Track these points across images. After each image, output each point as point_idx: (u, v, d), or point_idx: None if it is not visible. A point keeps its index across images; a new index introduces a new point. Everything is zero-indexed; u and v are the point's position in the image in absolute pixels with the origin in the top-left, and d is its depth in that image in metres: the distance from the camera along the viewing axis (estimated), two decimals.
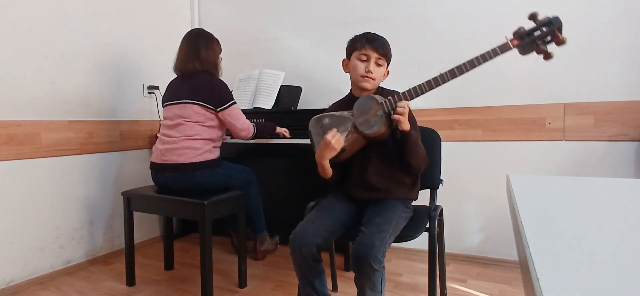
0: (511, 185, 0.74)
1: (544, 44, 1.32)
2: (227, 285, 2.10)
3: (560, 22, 1.29)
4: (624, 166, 2.04)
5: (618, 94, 2.05)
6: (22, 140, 2.12)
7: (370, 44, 1.51)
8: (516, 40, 1.33)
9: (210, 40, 2.14)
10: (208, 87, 2.03)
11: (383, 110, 1.41)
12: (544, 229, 0.52)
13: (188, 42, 2.12)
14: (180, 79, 2.11)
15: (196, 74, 2.07)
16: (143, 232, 2.82)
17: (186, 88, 2.04)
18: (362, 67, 1.51)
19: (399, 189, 1.54)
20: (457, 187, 2.36)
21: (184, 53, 2.10)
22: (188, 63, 2.08)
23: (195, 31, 2.18)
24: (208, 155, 2.03)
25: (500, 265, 2.31)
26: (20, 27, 2.11)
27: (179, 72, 2.12)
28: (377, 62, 1.52)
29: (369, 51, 1.51)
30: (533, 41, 1.32)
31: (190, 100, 2.01)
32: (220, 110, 2.03)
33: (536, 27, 1.32)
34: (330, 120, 1.52)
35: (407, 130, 1.41)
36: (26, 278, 2.15)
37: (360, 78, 1.53)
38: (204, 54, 2.08)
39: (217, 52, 2.17)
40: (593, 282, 0.36)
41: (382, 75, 1.55)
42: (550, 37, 1.31)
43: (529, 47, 1.33)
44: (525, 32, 1.33)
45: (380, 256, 1.26)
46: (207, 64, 2.09)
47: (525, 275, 0.40)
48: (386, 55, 1.53)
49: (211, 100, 2.02)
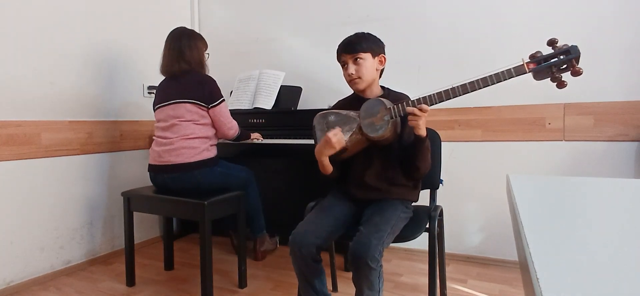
0: (511, 185, 0.74)
1: (559, 72, 1.30)
2: (227, 285, 2.10)
3: (578, 53, 1.27)
4: (624, 166, 2.04)
5: (618, 94, 2.05)
6: (22, 140, 2.12)
7: (342, 49, 1.54)
8: (533, 64, 1.31)
9: (193, 39, 2.11)
10: (198, 85, 2.02)
11: (390, 115, 1.40)
12: (544, 229, 0.52)
13: (171, 42, 2.10)
14: (169, 80, 2.10)
15: (184, 73, 2.06)
16: (143, 232, 2.82)
17: (176, 88, 2.04)
18: (346, 73, 1.54)
19: (399, 190, 1.54)
20: (457, 187, 2.36)
21: (168, 55, 2.09)
22: (173, 65, 2.06)
23: (178, 31, 2.14)
24: (206, 154, 2.03)
25: (500, 265, 2.31)
26: (20, 27, 2.11)
27: (166, 74, 2.11)
28: (356, 60, 1.51)
29: (344, 57, 1.54)
30: (549, 67, 1.30)
31: (182, 100, 2.01)
32: (211, 107, 2.03)
33: (554, 53, 1.30)
34: (336, 118, 1.51)
35: (423, 136, 1.41)
36: (26, 279, 2.15)
37: (349, 83, 1.56)
38: (189, 54, 2.07)
39: (202, 48, 2.14)
40: (593, 282, 0.36)
41: (371, 67, 1.52)
42: (566, 65, 1.30)
43: (545, 73, 1.31)
44: (543, 58, 1.30)
45: (378, 255, 1.25)
46: (193, 63, 2.08)
47: (525, 275, 0.40)
48: (361, 49, 1.50)
49: (203, 97, 2.01)
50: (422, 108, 1.36)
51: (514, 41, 2.22)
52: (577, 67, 1.29)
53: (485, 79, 1.34)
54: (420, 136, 1.41)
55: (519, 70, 1.32)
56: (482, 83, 1.34)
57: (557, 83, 1.31)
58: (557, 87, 1.32)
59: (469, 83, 1.35)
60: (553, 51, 1.31)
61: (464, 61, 2.34)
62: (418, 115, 1.36)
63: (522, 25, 2.21)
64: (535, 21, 2.18)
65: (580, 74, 1.28)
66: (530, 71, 1.32)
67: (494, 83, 1.33)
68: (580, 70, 1.28)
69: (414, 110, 1.36)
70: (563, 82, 1.31)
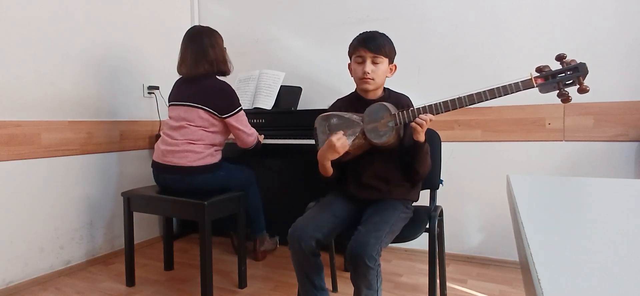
0: (511, 186, 0.74)
1: (565, 87, 1.32)
2: (227, 286, 2.10)
3: (586, 70, 1.29)
4: (624, 166, 2.04)
5: (618, 94, 2.05)
6: (22, 140, 2.12)
7: (363, 44, 1.48)
8: (541, 79, 1.32)
9: (214, 36, 2.06)
10: (217, 93, 1.98)
11: (395, 122, 1.39)
12: (545, 229, 0.52)
13: (192, 43, 2.02)
14: (189, 81, 2.04)
15: (206, 76, 2.01)
16: (143, 233, 2.81)
17: (194, 91, 1.99)
18: (360, 69, 1.49)
19: (399, 190, 1.54)
20: (457, 187, 2.36)
21: (190, 56, 2.01)
22: (198, 67, 1.99)
23: (196, 30, 2.08)
24: (209, 159, 2.00)
25: (500, 266, 2.31)
26: (20, 27, 2.11)
27: (187, 75, 2.04)
28: (374, 61, 1.48)
29: (363, 52, 1.48)
30: (556, 83, 1.31)
31: (196, 105, 1.97)
32: (226, 116, 1.98)
33: (561, 70, 1.31)
34: (339, 121, 1.49)
35: (422, 141, 1.41)
36: (26, 279, 2.15)
37: (359, 80, 1.51)
38: (213, 54, 2.01)
39: (222, 45, 2.10)
40: (594, 282, 0.36)
41: (384, 73, 1.51)
42: (572, 81, 1.31)
43: (551, 87, 1.33)
44: (550, 73, 1.31)
45: (375, 255, 1.25)
46: (217, 63, 2.03)
47: (526, 275, 0.40)
48: (383, 52, 1.49)
49: (218, 107, 1.97)
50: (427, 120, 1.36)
51: (514, 41, 2.22)
52: (585, 85, 1.29)
53: (492, 91, 1.35)
54: (419, 141, 1.41)
55: (526, 85, 1.33)
56: (489, 95, 1.35)
57: (563, 98, 1.32)
58: (562, 101, 1.33)
59: (476, 94, 1.36)
60: (561, 67, 1.31)
61: (463, 61, 2.33)
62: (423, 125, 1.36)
63: (522, 25, 2.21)
64: (535, 20, 2.18)
65: (587, 92, 1.28)
66: (537, 85, 1.32)
67: (501, 96, 1.34)
68: (587, 88, 1.28)
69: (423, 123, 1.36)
70: (569, 97, 1.32)
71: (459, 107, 1.37)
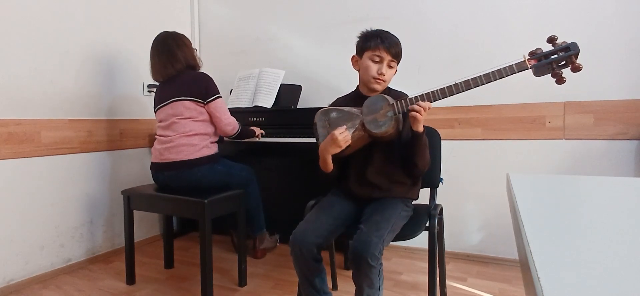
0: (511, 184, 0.74)
1: (559, 68, 1.34)
2: (227, 284, 2.11)
3: (577, 49, 1.31)
4: (624, 165, 2.04)
5: (618, 93, 2.05)
6: (22, 138, 2.12)
7: (384, 45, 1.46)
8: (533, 60, 1.34)
9: (179, 38, 2.14)
10: (193, 81, 2.05)
11: (393, 111, 1.40)
12: (545, 228, 0.52)
13: (159, 48, 2.11)
14: (167, 82, 2.11)
15: (179, 73, 2.09)
16: (143, 231, 2.82)
17: (172, 87, 2.06)
18: (375, 68, 1.48)
19: (399, 188, 1.54)
20: (457, 185, 2.36)
21: (159, 61, 2.10)
22: (168, 68, 2.08)
23: (162, 35, 2.15)
24: (206, 151, 2.04)
25: (500, 264, 2.31)
26: (20, 26, 2.11)
27: (161, 78, 2.13)
28: (390, 63, 1.49)
29: (383, 53, 1.46)
30: (549, 64, 1.33)
31: (178, 97, 2.03)
32: (207, 102, 2.05)
33: (554, 50, 1.33)
34: (338, 114, 1.50)
35: (421, 132, 1.41)
36: (26, 277, 2.15)
37: (371, 79, 1.49)
38: (180, 54, 2.09)
39: (190, 45, 2.17)
40: (594, 281, 0.36)
41: (392, 76, 1.54)
42: (565, 62, 1.33)
43: (545, 69, 1.35)
44: (543, 54, 1.34)
45: (378, 254, 1.26)
46: (186, 60, 2.11)
47: (526, 273, 0.40)
48: (399, 57, 1.51)
49: (198, 93, 2.03)
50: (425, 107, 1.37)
51: (513, 40, 2.22)
52: (577, 63, 1.32)
53: (487, 75, 1.35)
54: (417, 132, 1.41)
55: (520, 66, 1.34)
56: (484, 79, 1.36)
57: (557, 79, 1.35)
58: (557, 82, 1.35)
59: (472, 80, 1.36)
60: (553, 48, 1.33)
61: (463, 60, 2.33)
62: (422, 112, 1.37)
63: (522, 25, 2.20)
64: (535, 20, 2.18)
65: (580, 70, 1.31)
66: (531, 67, 1.34)
67: (496, 79, 1.35)
68: (580, 66, 1.31)
69: (421, 110, 1.37)
70: (563, 77, 1.35)
71: (455, 92, 1.38)
